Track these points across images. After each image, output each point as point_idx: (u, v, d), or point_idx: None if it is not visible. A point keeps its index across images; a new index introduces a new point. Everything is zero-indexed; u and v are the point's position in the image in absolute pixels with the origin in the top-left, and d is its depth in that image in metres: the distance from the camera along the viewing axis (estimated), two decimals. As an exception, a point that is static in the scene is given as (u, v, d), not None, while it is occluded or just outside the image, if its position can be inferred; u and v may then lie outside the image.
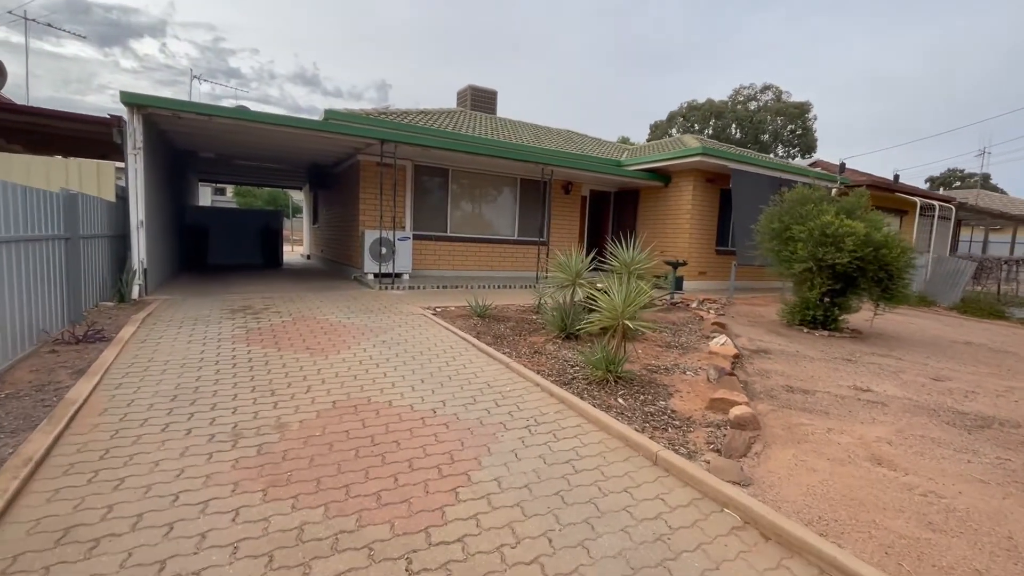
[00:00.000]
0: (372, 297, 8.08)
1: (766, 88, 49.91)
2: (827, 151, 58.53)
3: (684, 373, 4.79)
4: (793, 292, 7.57)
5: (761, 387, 4.56)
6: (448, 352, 5.04)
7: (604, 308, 4.55)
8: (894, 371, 5.46)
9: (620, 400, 3.96)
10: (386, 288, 8.94)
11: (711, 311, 8.63)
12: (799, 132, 47.35)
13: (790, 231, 7.05)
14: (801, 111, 46.38)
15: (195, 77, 27.52)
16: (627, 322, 4.33)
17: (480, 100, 16.21)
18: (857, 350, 6.44)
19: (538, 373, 4.50)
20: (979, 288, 11.93)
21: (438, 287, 9.45)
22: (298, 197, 27.70)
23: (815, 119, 46.37)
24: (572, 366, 4.79)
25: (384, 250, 9.58)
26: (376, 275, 9.75)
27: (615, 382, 4.27)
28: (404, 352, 4.92)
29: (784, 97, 48.69)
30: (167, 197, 9.45)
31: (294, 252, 22.71)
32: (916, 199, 14.41)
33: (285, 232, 33.45)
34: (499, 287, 10.04)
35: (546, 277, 11.04)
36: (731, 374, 4.40)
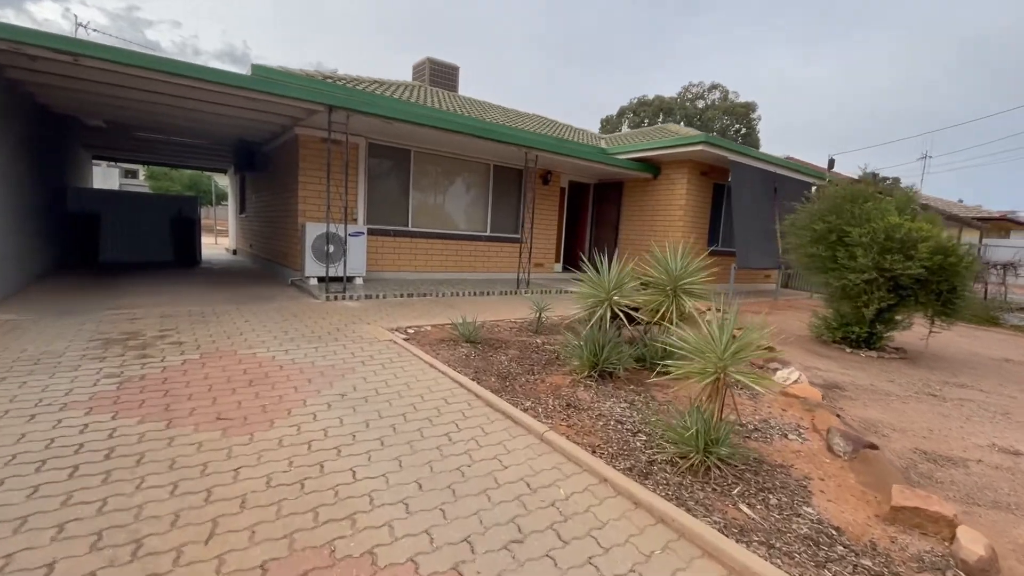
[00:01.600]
0: (318, 312, 6.17)
1: (714, 87, 50.80)
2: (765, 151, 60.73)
3: (787, 437, 3.40)
4: (833, 304, 6.45)
5: (891, 456, 3.25)
6: (444, 413, 3.36)
7: (693, 351, 3.04)
8: (1000, 412, 4.38)
9: (744, 508, 2.48)
10: (335, 297, 7.03)
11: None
12: (744, 131, 48.51)
13: (840, 234, 5.89)
14: (747, 111, 47.48)
15: (80, 25, 21.94)
16: (739, 377, 2.85)
17: (440, 75, 14.30)
18: (925, 378, 5.39)
19: (593, 452, 2.93)
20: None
21: (401, 295, 7.64)
22: (224, 182, 24.45)
23: (759, 119, 47.65)
24: (633, 432, 3.27)
25: (331, 248, 7.64)
26: (321, 280, 7.79)
27: (717, 467, 2.79)
28: (378, 419, 3.18)
29: (731, 97, 49.73)
30: (28, 174, 6.99)
31: (218, 245, 19.80)
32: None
33: (207, 222, 29.69)
34: (475, 293, 8.37)
35: (528, 283, 9.49)
36: (872, 446, 3.04)
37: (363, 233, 8.26)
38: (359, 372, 3.99)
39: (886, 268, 5.41)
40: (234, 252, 14.94)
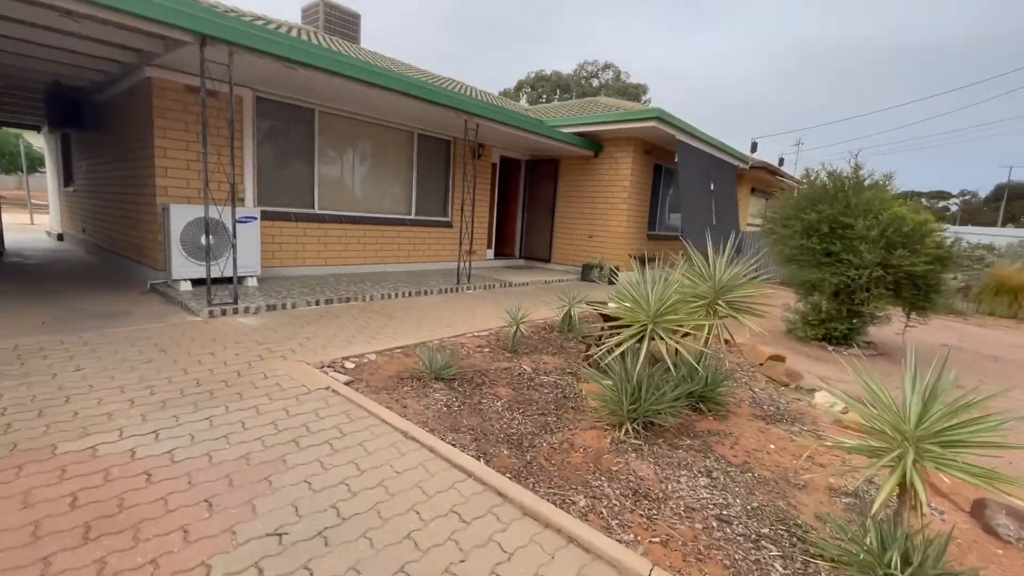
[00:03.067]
0: (200, 339, 4.27)
1: (607, 66, 51.93)
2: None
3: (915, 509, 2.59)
4: (812, 299, 6.04)
5: None
6: (469, 550, 2.00)
7: (865, 422, 2.03)
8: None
9: None
10: (223, 311, 5.07)
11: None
12: (635, 112, 50.37)
13: (833, 225, 5.39)
14: (639, 92, 49.27)
15: None
16: (958, 472, 1.89)
17: (337, 22, 11.92)
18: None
19: (739, 605, 1.82)
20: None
21: (317, 301, 5.85)
22: (41, 142, 19.03)
23: (650, 102, 49.71)
24: (752, 539, 2.21)
25: (212, 239, 5.57)
26: (198, 283, 5.72)
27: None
28: (365, 592, 1.74)
29: (623, 77, 51.23)
30: None
31: (37, 226, 15.33)
32: (794, 183, 14.86)
33: (16, 193, 23.28)
34: (410, 294, 6.81)
35: (469, 275, 8.12)
36: (1054, 529, 2.31)
37: (255, 218, 6.24)
38: (295, 466, 2.43)
39: (892, 264, 4.99)
40: (59, 237, 11.37)
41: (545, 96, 49.38)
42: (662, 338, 3.02)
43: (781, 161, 14.42)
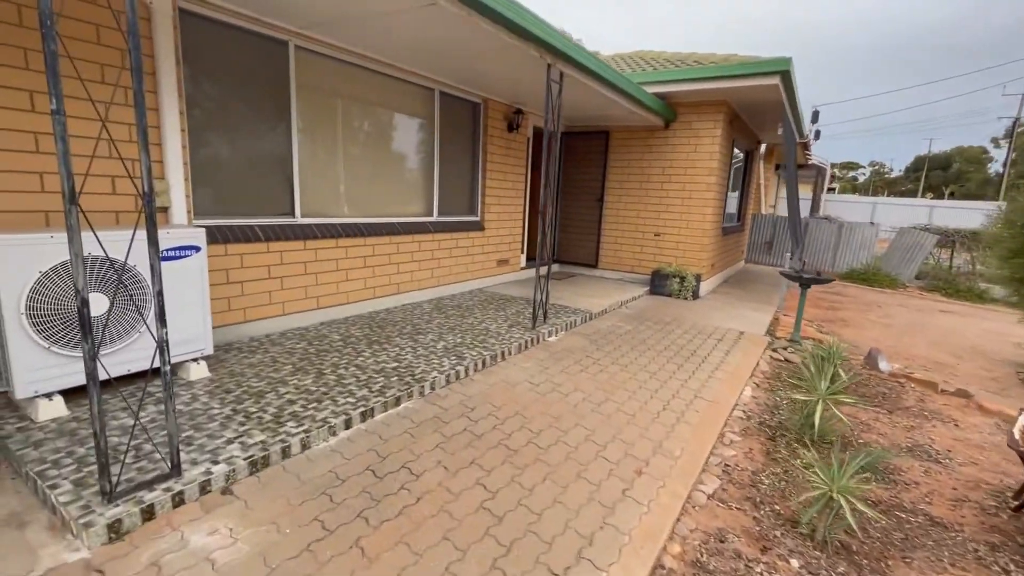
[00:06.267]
0: None
1: None
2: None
3: None
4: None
5: None
6: None
7: None
8: None
9: None
10: (175, 500, 2.13)
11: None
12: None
13: None
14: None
15: None
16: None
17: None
18: None
19: None
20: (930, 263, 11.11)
21: (345, 422, 2.99)
22: None
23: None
24: None
25: (107, 302, 2.55)
26: (70, 393, 2.67)
27: None
28: None
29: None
30: None
31: None
32: (814, 159, 13.18)
33: None
34: (479, 365, 4.03)
35: (545, 310, 5.48)
36: None
37: (196, 248, 3.20)
38: None
39: None
40: None
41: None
42: None
43: (817, 134, 12.64)
